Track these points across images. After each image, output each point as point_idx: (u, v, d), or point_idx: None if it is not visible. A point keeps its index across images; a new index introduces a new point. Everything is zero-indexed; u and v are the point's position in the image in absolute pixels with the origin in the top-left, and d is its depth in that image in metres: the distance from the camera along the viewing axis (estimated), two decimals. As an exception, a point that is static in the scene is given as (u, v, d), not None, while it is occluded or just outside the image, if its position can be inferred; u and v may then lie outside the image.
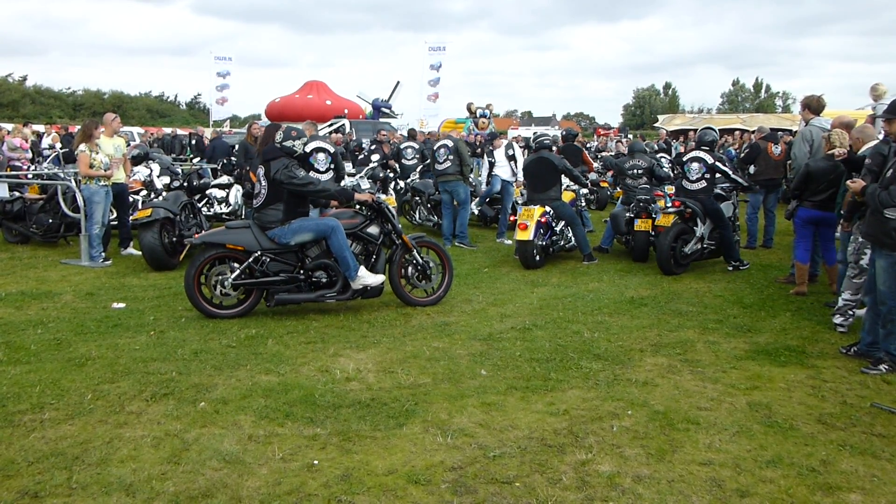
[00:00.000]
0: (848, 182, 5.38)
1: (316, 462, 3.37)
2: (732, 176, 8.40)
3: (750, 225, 9.95)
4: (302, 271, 6.02)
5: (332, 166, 8.07)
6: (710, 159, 8.18)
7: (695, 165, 8.22)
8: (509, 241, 10.11)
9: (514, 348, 5.20)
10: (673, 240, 7.91)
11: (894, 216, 4.59)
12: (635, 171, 9.37)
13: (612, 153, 19.52)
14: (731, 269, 8.33)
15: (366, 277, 6.05)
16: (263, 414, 3.92)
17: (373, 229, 6.35)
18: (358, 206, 6.39)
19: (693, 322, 5.99)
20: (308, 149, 7.96)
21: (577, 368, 4.75)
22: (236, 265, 5.91)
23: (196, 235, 6.13)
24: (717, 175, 8.26)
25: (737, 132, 21.77)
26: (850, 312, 5.72)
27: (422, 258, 6.53)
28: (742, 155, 10.69)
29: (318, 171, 7.95)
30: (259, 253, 5.89)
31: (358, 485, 3.17)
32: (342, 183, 8.15)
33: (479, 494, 3.11)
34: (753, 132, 19.82)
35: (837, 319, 5.76)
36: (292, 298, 6.00)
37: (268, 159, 6.01)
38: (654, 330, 5.74)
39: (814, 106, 7.54)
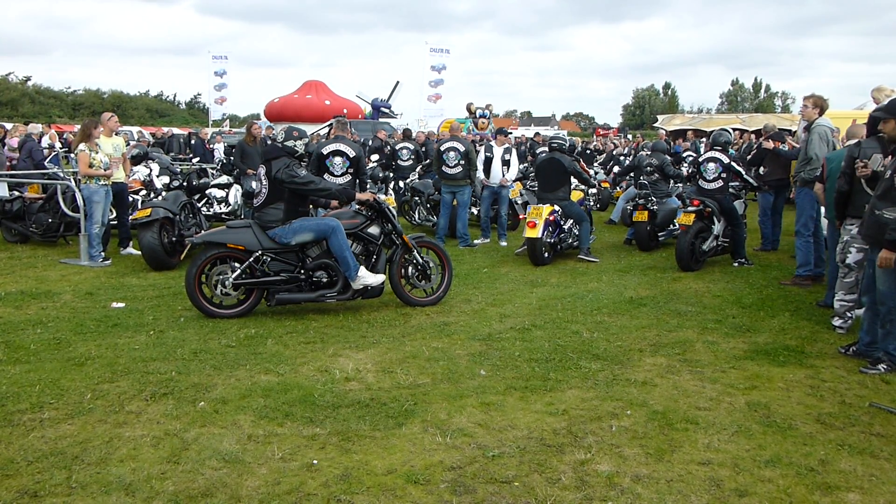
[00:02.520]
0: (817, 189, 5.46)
1: (315, 462, 3.38)
2: (745, 176, 8.64)
3: (763, 227, 9.83)
4: (302, 271, 6.02)
5: (350, 170, 7.98)
6: (725, 159, 8.45)
7: (711, 165, 8.48)
8: (504, 243, 10.19)
9: (514, 348, 5.20)
10: (693, 237, 8.16)
11: (893, 216, 4.59)
12: (649, 167, 9.81)
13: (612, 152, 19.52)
14: (736, 264, 8.54)
15: (366, 277, 6.06)
16: (263, 414, 3.93)
17: (373, 229, 6.35)
18: (358, 206, 6.39)
19: (692, 322, 5.99)
20: (326, 151, 7.95)
21: (577, 368, 4.76)
22: (237, 265, 5.91)
23: (196, 235, 6.11)
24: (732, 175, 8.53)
25: (736, 132, 21.75)
26: (849, 315, 5.73)
27: (422, 258, 6.53)
28: (749, 156, 10.67)
29: (333, 174, 7.88)
30: (260, 252, 5.89)
31: (357, 484, 3.17)
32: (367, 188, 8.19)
33: (478, 494, 3.11)
34: (754, 132, 19.81)
35: (836, 322, 5.77)
36: (293, 298, 6.01)
37: (269, 158, 6.04)
38: (653, 330, 5.75)
39: (823, 107, 7.55)
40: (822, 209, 7.20)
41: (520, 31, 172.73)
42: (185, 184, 9.81)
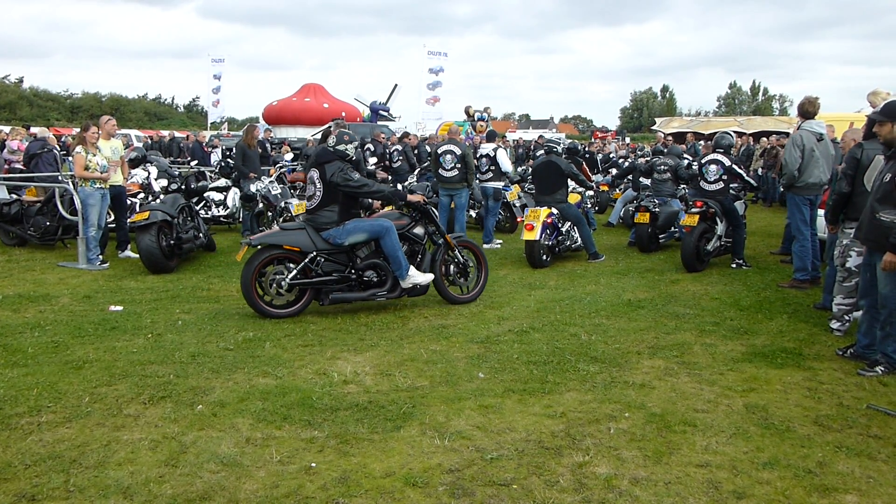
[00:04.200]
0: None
1: (313, 465, 3.38)
2: (746, 178, 8.77)
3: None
4: (353, 271, 6.21)
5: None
6: (727, 161, 8.57)
7: (712, 168, 8.58)
8: (499, 242, 10.32)
9: (512, 351, 5.20)
10: (697, 239, 8.26)
11: (889, 218, 4.58)
12: (662, 167, 9.98)
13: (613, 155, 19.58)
14: (734, 266, 8.59)
15: (416, 276, 6.29)
16: (261, 417, 3.92)
17: (418, 230, 6.61)
18: (404, 208, 6.64)
19: (690, 324, 6.00)
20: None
21: (575, 371, 4.76)
22: (292, 265, 6.05)
23: (251, 237, 6.25)
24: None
25: (734, 135, 21.81)
26: (847, 318, 5.73)
27: (462, 257, 6.77)
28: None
29: None
30: (314, 253, 6.05)
31: (355, 487, 3.17)
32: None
33: (477, 497, 3.11)
34: (752, 134, 19.89)
35: (834, 325, 5.78)
36: (346, 297, 6.19)
37: (321, 162, 6.21)
38: (651, 332, 5.75)
39: (802, 110, 7.55)
40: (821, 211, 7.25)
41: (520, 34, 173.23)
42: (183, 187, 9.82)
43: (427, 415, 3.98)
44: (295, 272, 6.00)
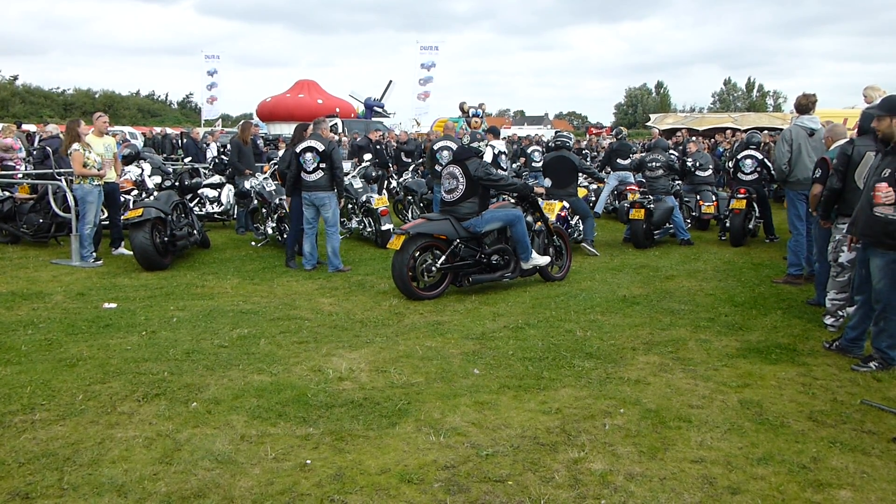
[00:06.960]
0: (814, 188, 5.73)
1: (308, 462, 3.37)
2: (773, 171, 9.84)
3: None
4: (483, 256, 6.92)
5: (322, 165, 7.92)
6: (759, 155, 10.13)
7: (748, 161, 10.14)
8: None
9: (507, 347, 5.20)
10: (743, 219, 9.85)
11: (884, 214, 4.57)
12: (654, 164, 10.29)
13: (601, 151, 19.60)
14: (767, 241, 10.33)
15: (537, 259, 7.16)
16: (256, 414, 3.92)
17: (529, 218, 7.40)
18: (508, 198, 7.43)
19: (685, 320, 6.01)
20: (298, 149, 7.96)
21: (570, 367, 4.76)
22: (438, 252, 6.71)
23: (404, 227, 6.80)
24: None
25: (728, 131, 21.93)
26: (841, 313, 5.75)
27: (557, 241, 7.66)
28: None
29: (305, 170, 7.89)
30: (457, 241, 6.75)
31: (351, 484, 3.17)
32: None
33: (472, 493, 3.11)
34: (745, 131, 19.90)
35: (828, 320, 5.79)
36: (482, 278, 6.94)
37: (462, 159, 6.93)
38: (646, 328, 5.76)
39: (798, 104, 7.61)
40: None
41: (519, 30, 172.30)
42: (177, 183, 9.78)
43: (422, 411, 3.98)
44: (444, 258, 6.68)
